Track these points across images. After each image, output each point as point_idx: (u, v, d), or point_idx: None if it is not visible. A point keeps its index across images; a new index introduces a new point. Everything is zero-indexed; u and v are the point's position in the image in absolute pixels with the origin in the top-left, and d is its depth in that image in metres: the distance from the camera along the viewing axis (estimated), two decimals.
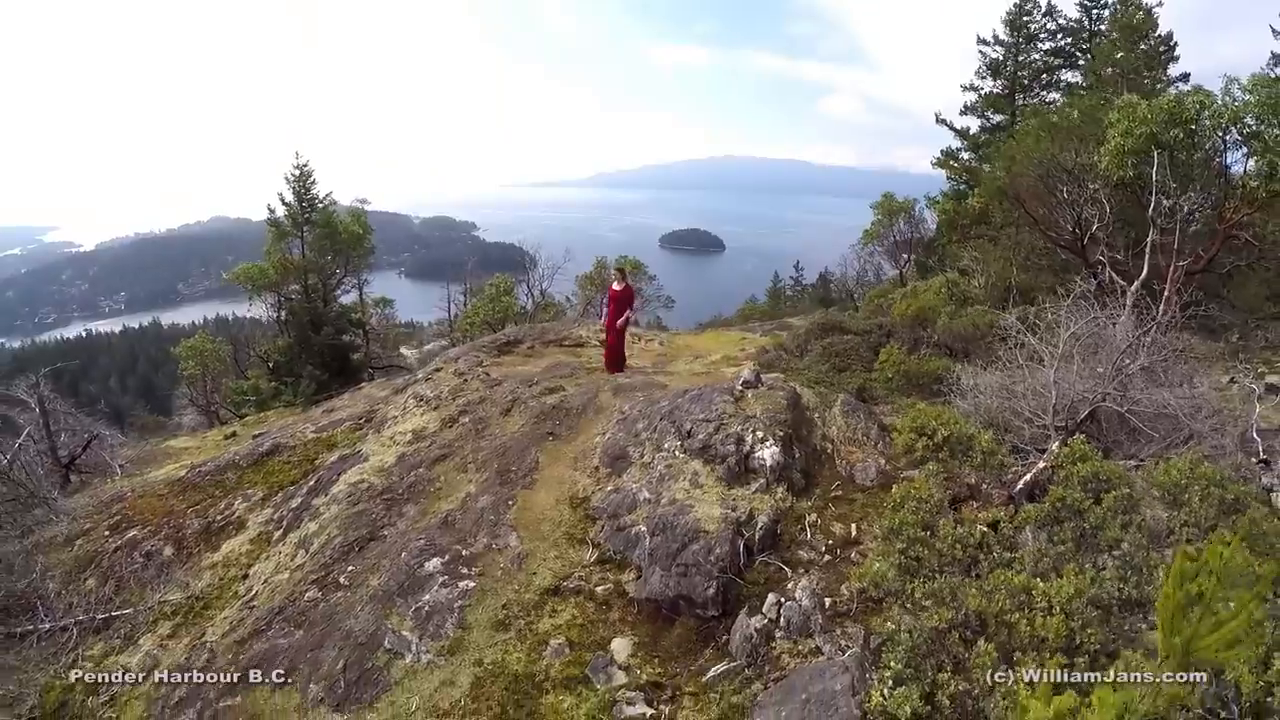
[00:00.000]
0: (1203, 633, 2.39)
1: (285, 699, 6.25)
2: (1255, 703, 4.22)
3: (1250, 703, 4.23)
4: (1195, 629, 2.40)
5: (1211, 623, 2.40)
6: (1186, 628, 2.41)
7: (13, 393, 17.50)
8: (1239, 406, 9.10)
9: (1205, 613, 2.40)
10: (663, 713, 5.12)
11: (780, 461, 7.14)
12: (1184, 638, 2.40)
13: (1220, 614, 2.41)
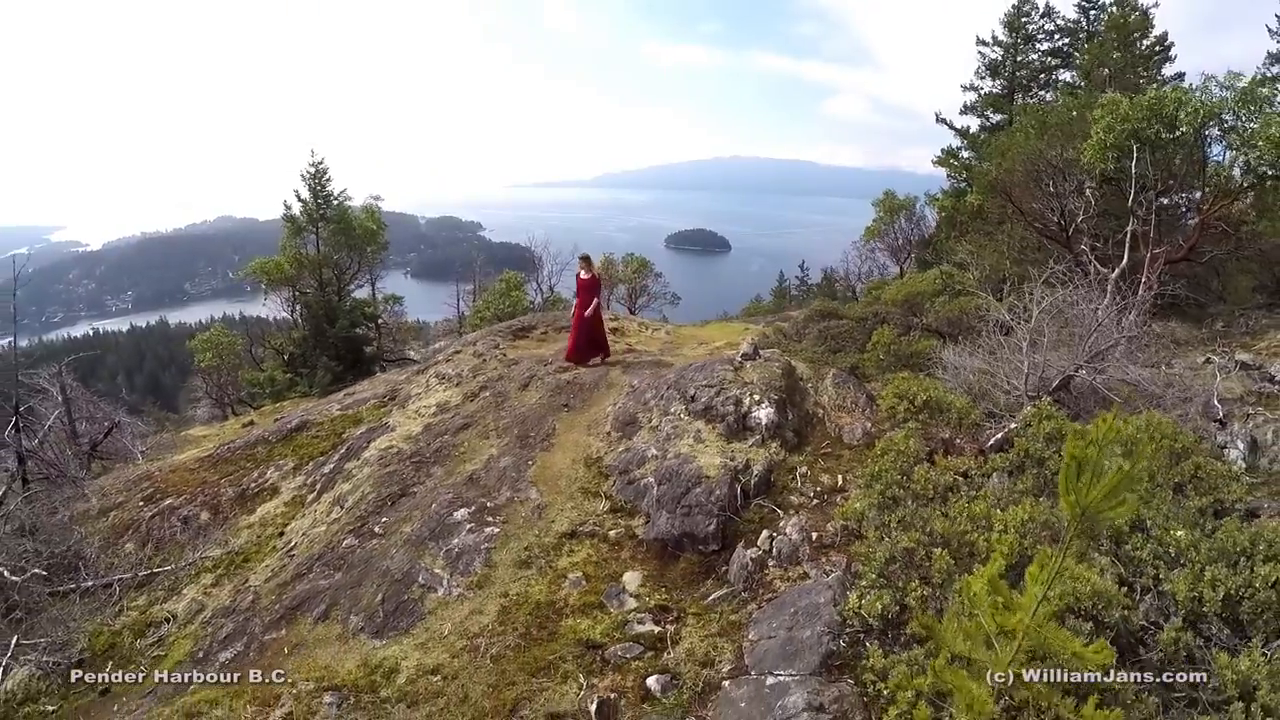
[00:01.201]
0: (1091, 493, 3.08)
1: (327, 630, 7.00)
2: (1190, 610, 4.93)
3: (1186, 610, 4.94)
4: (1086, 490, 3.10)
5: (1098, 484, 3.09)
6: (1079, 490, 3.11)
7: (35, 381, 18.20)
8: (1208, 382, 9.79)
9: (1091, 477, 3.09)
10: (669, 630, 5.85)
11: (775, 421, 7.90)
12: (1078, 497, 3.10)
13: (1105, 478, 3.10)
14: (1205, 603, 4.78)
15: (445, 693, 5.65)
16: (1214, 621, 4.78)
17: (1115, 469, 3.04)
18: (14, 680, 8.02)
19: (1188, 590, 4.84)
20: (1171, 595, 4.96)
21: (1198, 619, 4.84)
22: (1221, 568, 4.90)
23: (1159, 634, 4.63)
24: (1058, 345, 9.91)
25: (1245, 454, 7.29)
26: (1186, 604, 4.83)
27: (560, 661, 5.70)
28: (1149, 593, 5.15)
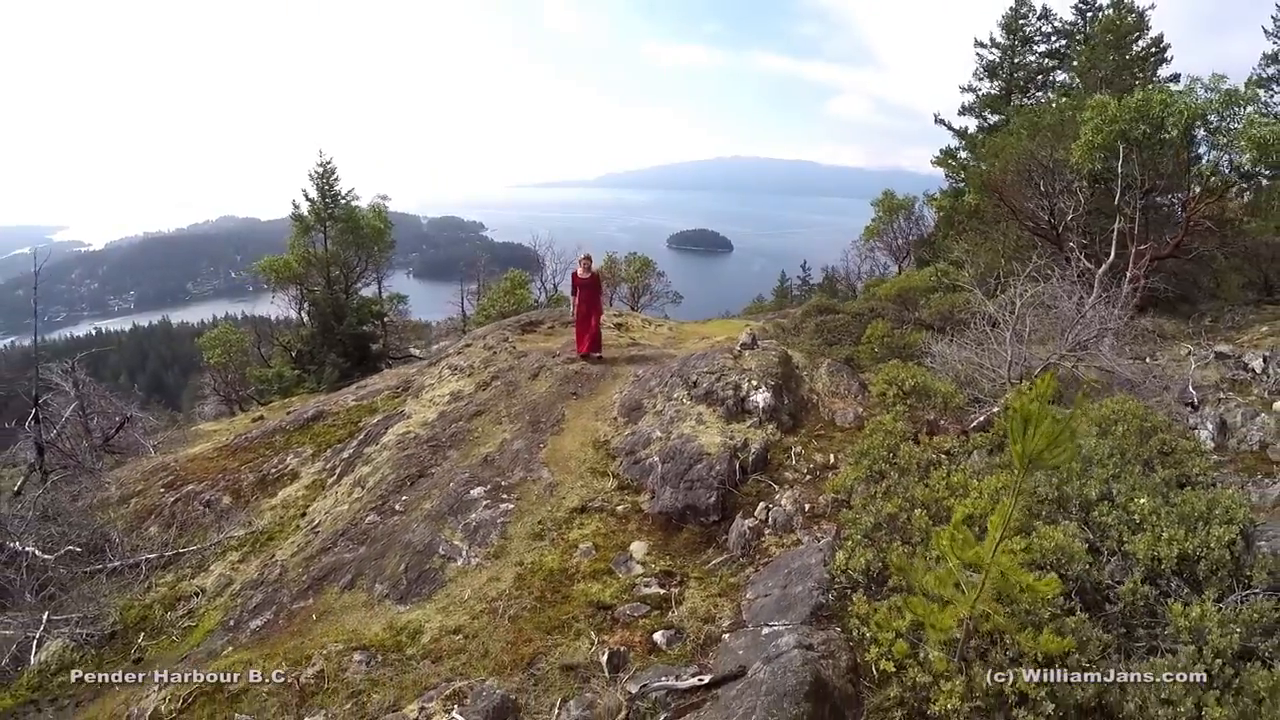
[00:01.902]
0: (1035, 442, 3.57)
1: (353, 597, 7.50)
2: (1149, 568, 5.41)
3: (1145, 569, 5.43)
4: (1031, 440, 3.58)
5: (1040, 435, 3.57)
6: (1025, 440, 3.59)
7: (48, 377, 18.68)
8: (1187, 371, 10.28)
9: (1035, 429, 3.58)
10: (673, 592, 6.35)
11: (771, 404, 8.40)
12: (1024, 446, 3.59)
13: (1046, 429, 3.58)
14: (1163, 561, 5.26)
15: (467, 649, 6.16)
16: (1171, 578, 5.26)
17: (1052, 421, 3.53)
18: (47, 652, 8.42)
19: (1147, 550, 5.33)
20: (1133, 556, 5.44)
21: (1156, 576, 5.32)
22: (1179, 530, 5.38)
23: (1121, 589, 5.11)
24: (1044, 338, 10.44)
25: (1214, 434, 7.78)
26: (1146, 563, 5.32)
27: (573, 620, 6.20)
28: (1114, 555, 5.64)
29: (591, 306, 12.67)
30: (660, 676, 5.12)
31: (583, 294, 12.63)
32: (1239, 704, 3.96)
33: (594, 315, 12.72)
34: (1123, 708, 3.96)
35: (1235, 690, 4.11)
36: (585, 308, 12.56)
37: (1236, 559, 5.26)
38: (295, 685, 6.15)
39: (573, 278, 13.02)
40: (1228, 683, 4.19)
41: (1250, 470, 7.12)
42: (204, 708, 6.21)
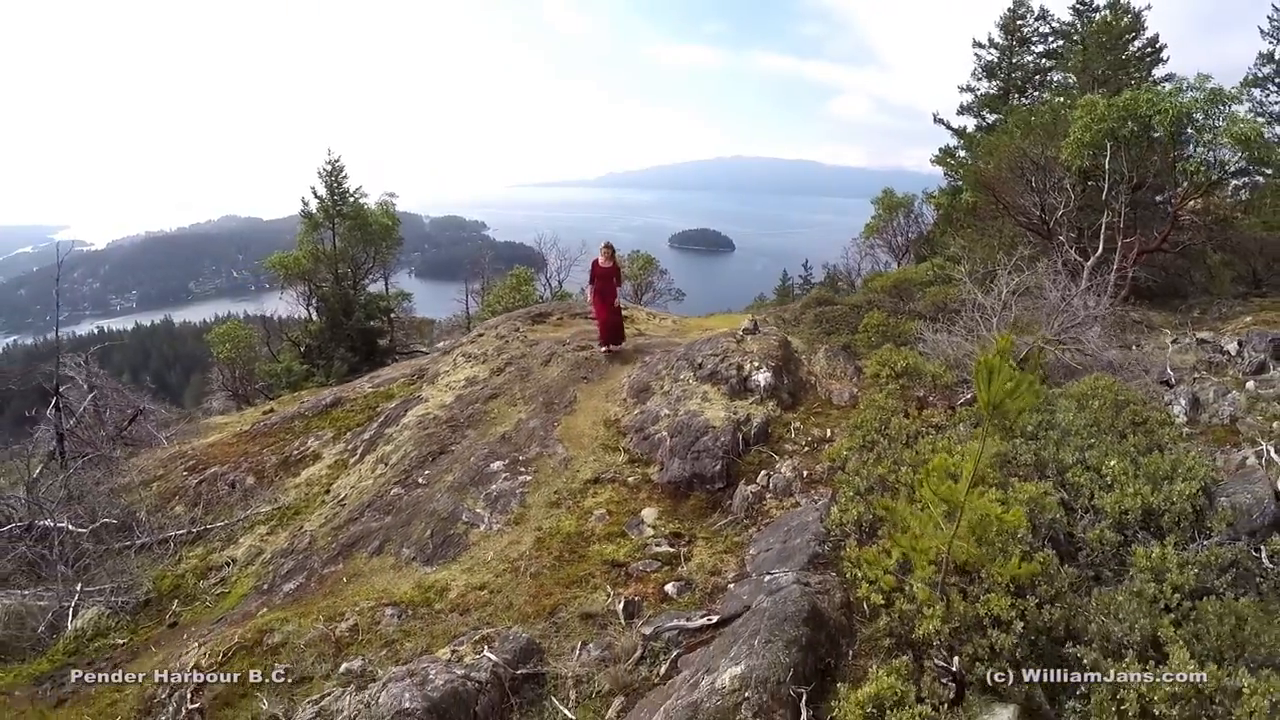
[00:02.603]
0: (998, 391, 4.08)
1: (382, 561, 8.05)
2: (1116, 520, 5.92)
3: (1113, 520, 5.93)
4: (995, 390, 4.10)
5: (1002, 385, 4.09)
6: (990, 389, 4.11)
7: (61, 370, 19.18)
8: (1168, 354, 10.81)
9: (998, 379, 4.10)
10: (682, 550, 6.89)
11: (772, 383, 8.95)
12: (989, 395, 4.11)
13: (1006, 377, 4.10)
14: (1129, 513, 5.79)
15: (492, 602, 6.69)
16: (1137, 529, 5.79)
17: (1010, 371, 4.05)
18: (83, 619, 8.87)
19: (1115, 505, 5.86)
20: (1103, 511, 5.96)
21: (1124, 528, 5.84)
22: (1146, 487, 5.91)
23: (1088, 535, 5.64)
24: (1030, 325, 10.97)
25: (1187, 409, 8.29)
26: (1114, 516, 5.84)
27: (590, 576, 6.74)
28: (1087, 513, 6.17)
29: (608, 296, 12.49)
30: (672, 619, 5.66)
31: (600, 284, 12.44)
32: (1194, 628, 4.46)
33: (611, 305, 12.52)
34: (1086, 630, 4.47)
35: (1192, 619, 4.61)
36: (601, 298, 12.43)
37: (1199, 512, 5.79)
38: (331, 637, 6.67)
39: (593, 266, 12.74)
40: (1185, 614, 4.70)
41: (1220, 441, 7.63)
42: (243, 660, 6.69)
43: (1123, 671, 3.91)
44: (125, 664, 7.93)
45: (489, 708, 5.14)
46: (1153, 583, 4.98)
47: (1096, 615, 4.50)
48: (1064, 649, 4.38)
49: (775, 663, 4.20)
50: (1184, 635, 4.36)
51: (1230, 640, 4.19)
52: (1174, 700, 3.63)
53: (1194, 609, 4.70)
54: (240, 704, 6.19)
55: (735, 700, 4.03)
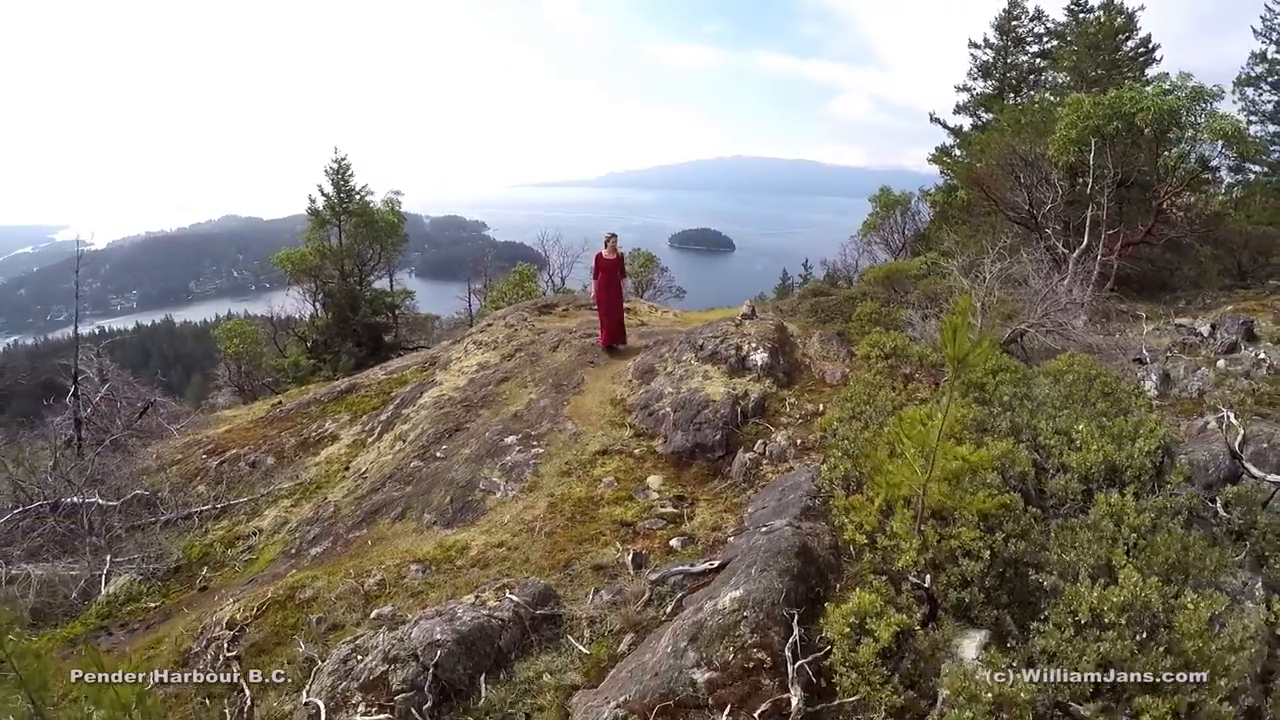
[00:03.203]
0: (961, 345, 4.63)
1: (404, 525, 8.61)
2: (1081, 475, 6.46)
3: (1079, 475, 6.48)
4: (959, 344, 4.65)
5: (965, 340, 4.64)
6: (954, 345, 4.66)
7: (70, 363, 19.70)
8: (1144, 335, 11.39)
9: (962, 335, 4.65)
10: (686, 511, 7.46)
11: (768, 362, 9.53)
12: (953, 350, 4.66)
13: (969, 338, 4.66)
14: (1093, 468, 6.35)
15: (511, 558, 7.25)
16: (1099, 482, 6.34)
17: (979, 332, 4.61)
18: (115, 585, 9.35)
19: (1081, 462, 6.41)
20: (1071, 468, 6.52)
21: (1088, 480, 6.40)
22: (1110, 445, 6.47)
23: (1055, 483, 6.21)
24: (1016, 311, 11.55)
25: (1158, 384, 8.87)
26: (1081, 472, 6.40)
27: (600, 535, 7.31)
28: (1057, 471, 6.72)
29: (613, 290, 12.36)
30: (677, 566, 6.22)
31: (604, 277, 12.33)
32: (1147, 560, 5.01)
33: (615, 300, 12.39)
34: (1048, 561, 5.04)
35: (1144, 550, 5.16)
36: (606, 292, 12.31)
37: (1159, 468, 6.35)
38: (360, 591, 7.22)
39: (596, 259, 12.62)
40: (1138, 545, 5.24)
41: (1187, 412, 8.20)
42: (276, 613, 7.22)
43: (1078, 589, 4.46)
44: (158, 625, 8.42)
45: (511, 642, 5.70)
46: (1111, 523, 5.53)
47: (1056, 546, 5.05)
48: (1028, 578, 4.94)
49: (770, 587, 4.76)
50: (1135, 562, 4.91)
51: (1176, 563, 4.74)
52: (1123, 610, 4.17)
53: (1147, 543, 5.24)
54: (275, 650, 6.72)
55: (735, 619, 4.58)
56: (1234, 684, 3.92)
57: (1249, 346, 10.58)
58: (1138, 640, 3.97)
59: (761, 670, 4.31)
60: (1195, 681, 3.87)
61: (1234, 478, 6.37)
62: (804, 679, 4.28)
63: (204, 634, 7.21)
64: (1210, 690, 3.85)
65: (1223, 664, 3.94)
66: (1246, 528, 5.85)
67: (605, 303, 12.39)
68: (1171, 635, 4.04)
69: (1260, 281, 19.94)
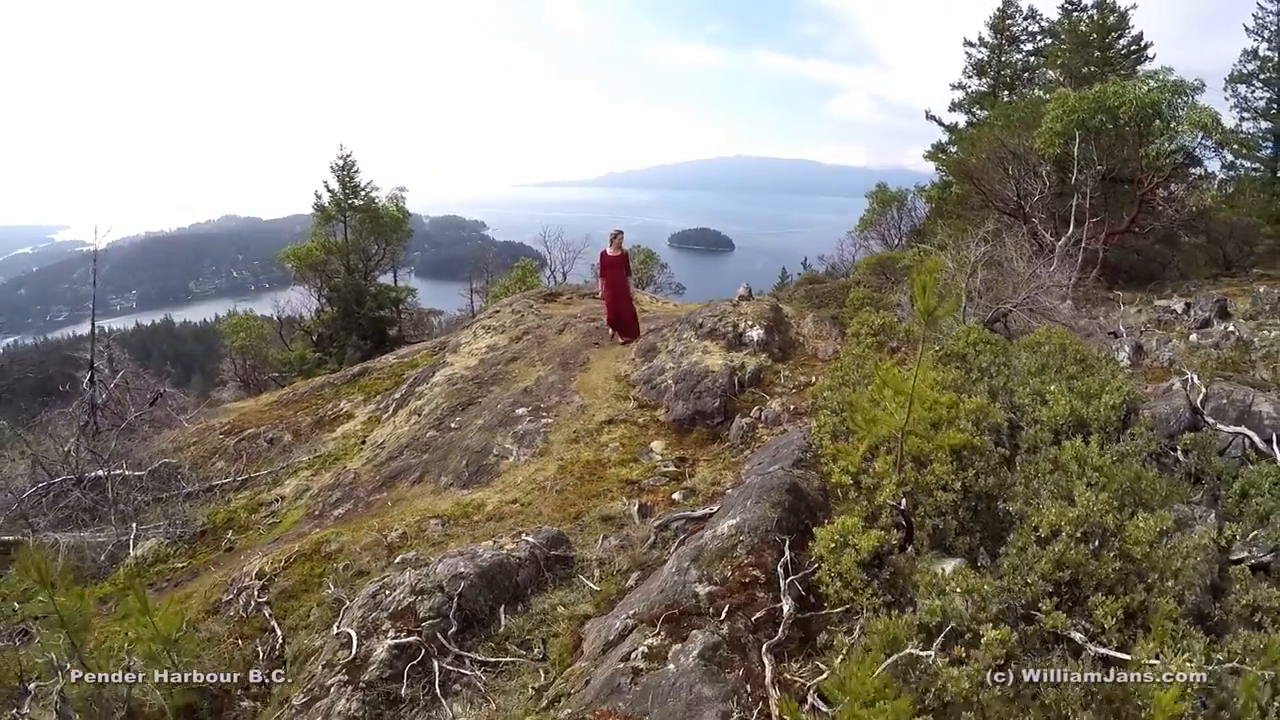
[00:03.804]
0: (929, 301, 5.16)
1: (422, 488, 9.14)
2: (1050, 427, 7.00)
3: (1049, 428, 7.01)
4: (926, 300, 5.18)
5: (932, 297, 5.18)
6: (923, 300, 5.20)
7: (81, 356, 20.21)
8: (1124, 316, 11.97)
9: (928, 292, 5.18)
10: (687, 470, 8.00)
11: (764, 338, 10.08)
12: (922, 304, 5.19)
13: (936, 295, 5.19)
14: (1060, 419, 6.89)
15: (524, 512, 7.79)
16: (1067, 432, 6.88)
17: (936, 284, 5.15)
18: (143, 548, 9.82)
19: (1051, 417, 6.95)
20: (1041, 422, 7.06)
21: (1056, 432, 6.93)
22: (1077, 401, 7.01)
23: (1024, 434, 6.75)
24: (999, 297, 12.10)
25: (1131, 355, 9.44)
26: (1050, 423, 6.94)
27: (607, 491, 7.85)
28: (1029, 425, 7.26)
29: (619, 288, 12.26)
30: (679, 513, 6.77)
31: (610, 274, 12.23)
32: (1103, 487, 5.53)
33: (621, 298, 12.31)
34: (1014, 494, 5.57)
35: (1102, 482, 5.68)
36: (612, 290, 12.21)
37: (1124, 420, 6.89)
38: (384, 543, 7.75)
39: (601, 256, 12.58)
40: (1103, 484, 5.77)
41: (1157, 379, 8.76)
42: (303, 565, 7.71)
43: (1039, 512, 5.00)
44: (186, 583, 8.90)
45: (527, 579, 6.23)
46: (1075, 463, 6.06)
47: (1021, 479, 5.60)
48: (997, 510, 5.48)
49: (764, 516, 5.30)
50: (1093, 490, 5.44)
51: (1130, 490, 5.28)
52: (1078, 524, 4.70)
53: (1106, 477, 5.76)
54: (304, 596, 7.23)
55: (732, 542, 5.12)
56: (1180, 587, 4.45)
57: (1221, 323, 11.16)
58: (1091, 549, 4.51)
59: (756, 585, 4.84)
60: (1145, 583, 4.41)
61: (1194, 429, 6.92)
62: (795, 592, 4.81)
63: (233, 585, 7.70)
64: (1159, 590, 4.38)
65: (1170, 568, 4.48)
66: (1202, 470, 6.41)
67: (611, 299, 12.33)
68: (1123, 544, 4.57)
69: (1245, 270, 20.57)
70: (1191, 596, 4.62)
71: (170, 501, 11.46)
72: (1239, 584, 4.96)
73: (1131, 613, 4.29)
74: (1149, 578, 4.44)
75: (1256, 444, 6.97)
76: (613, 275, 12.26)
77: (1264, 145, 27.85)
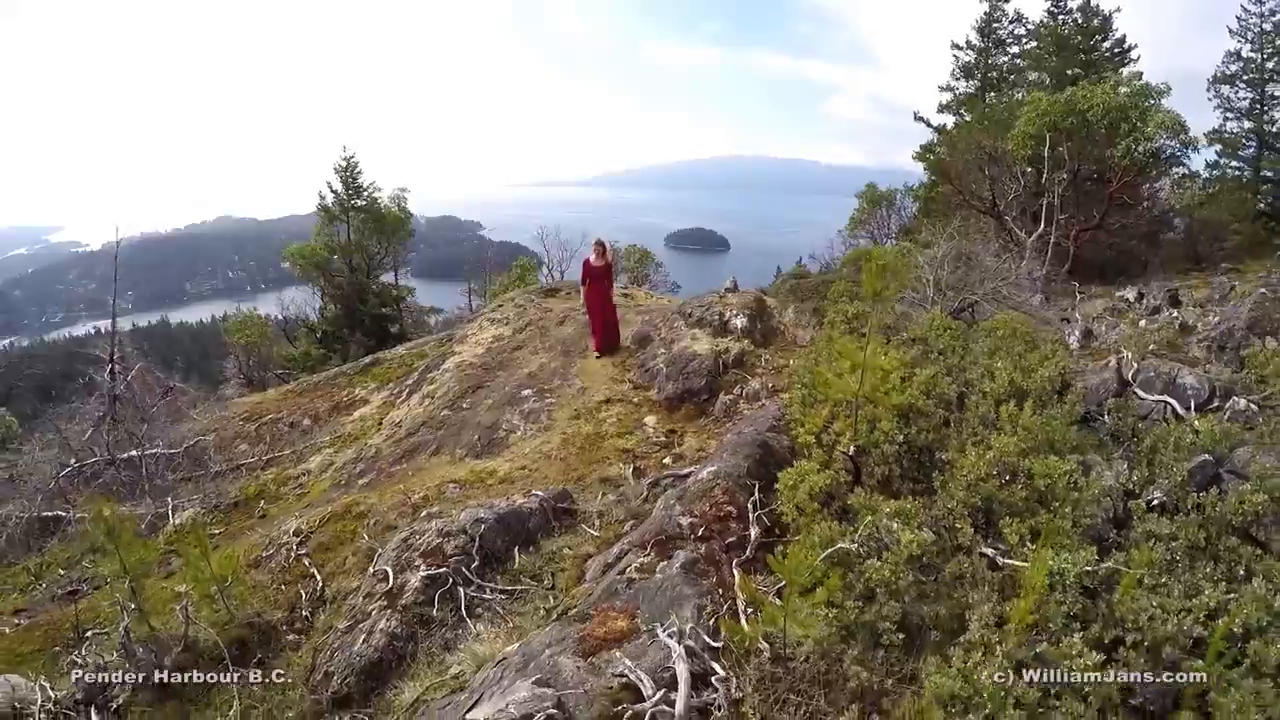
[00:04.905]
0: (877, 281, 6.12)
1: (439, 459, 10.11)
2: (995, 397, 7.97)
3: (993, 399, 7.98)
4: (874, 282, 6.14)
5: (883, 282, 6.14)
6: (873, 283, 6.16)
7: (90, 352, 21.06)
8: (1080, 305, 12.98)
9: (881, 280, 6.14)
10: (676, 440, 8.99)
11: (747, 326, 11.07)
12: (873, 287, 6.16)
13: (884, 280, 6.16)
14: (1002, 389, 7.86)
15: (532, 476, 8.77)
16: (1006, 400, 7.84)
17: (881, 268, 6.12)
18: (181, 517, 10.72)
19: (994, 389, 7.92)
20: (986, 392, 8.02)
21: (998, 400, 7.89)
22: (1018, 374, 7.98)
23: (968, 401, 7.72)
24: (968, 285, 13.09)
25: (1080, 338, 10.43)
26: (993, 394, 7.91)
27: (606, 458, 8.83)
28: (975, 395, 8.23)
29: (603, 298, 12.31)
30: (668, 473, 7.75)
31: (594, 284, 12.23)
32: (1024, 439, 6.49)
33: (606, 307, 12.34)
34: (949, 446, 6.55)
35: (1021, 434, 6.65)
36: (596, 299, 12.23)
37: (1059, 391, 7.85)
38: (408, 503, 8.71)
39: (584, 265, 12.56)
40: (1020, 435, 6.73)
41: (1100, 359, 9.74)
42: (336, 523, 8.66)
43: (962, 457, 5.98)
44: (225, 545, 9.81)
45: (537, 526, 7.22)
46: (1008, 422, 7.02)
47: (954, 434, 6.58)
48: (935, 460, 6.46)
49: (737, 465, 6.29)
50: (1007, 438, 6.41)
51: (1044, 438, 6.25)
52: (994, 465, 5.67)
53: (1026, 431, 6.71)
54: (339, 548, 8.21)
55: (711, 485, 6.10)
56: (1079, 514, 5.42)
57: (1171, 310, 12.16)
58: (1003, 482, 5.49)
59: (730, 518, 5.82)
60: (1049, 509, 5.39)
61: (1120, 397, 7.89)
62: (761, 524, 5.80)
63: (272, 543, 8.67)
64: (1060, 516, 5.36)
65: (1070, 499, 5.45)
66: (1126, 432, 7.39)
67: (595, 309, 12.32)
68: (1030, 482, 5.55)
69: (1214, 265, 21.60)
70: (1092, 523, 5.59)
71: (200, 480, 12.39)
72: (1137, 517, 5.94)
73: (1036, 532, 5.27)
74: (1052, 506, 5.41)
75: (1177, 410, 7.94)
76: (595, 285, 12.25)
77: (1247, 145, 28.83)
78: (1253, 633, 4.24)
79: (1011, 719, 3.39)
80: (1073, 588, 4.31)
